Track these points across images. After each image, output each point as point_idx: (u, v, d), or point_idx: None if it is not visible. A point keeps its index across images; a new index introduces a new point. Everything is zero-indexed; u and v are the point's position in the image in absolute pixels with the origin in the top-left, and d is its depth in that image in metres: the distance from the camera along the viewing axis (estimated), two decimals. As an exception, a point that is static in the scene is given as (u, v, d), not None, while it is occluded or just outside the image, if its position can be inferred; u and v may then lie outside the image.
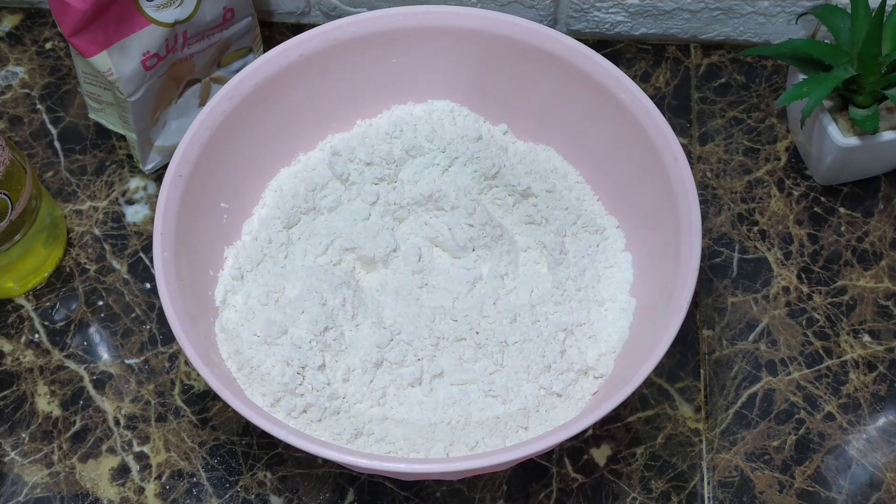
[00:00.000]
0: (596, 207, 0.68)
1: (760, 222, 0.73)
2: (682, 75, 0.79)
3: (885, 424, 0.66)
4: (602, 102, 0.65)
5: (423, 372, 0.60)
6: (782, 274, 0.71)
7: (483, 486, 0.64)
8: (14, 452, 0.65)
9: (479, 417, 0.60)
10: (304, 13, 0.81)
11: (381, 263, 0.65)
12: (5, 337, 0.68)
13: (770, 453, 0.65)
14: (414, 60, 0.68)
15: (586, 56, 0.64)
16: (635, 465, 0.64)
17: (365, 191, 0.66)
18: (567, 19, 0.79)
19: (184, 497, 0.63)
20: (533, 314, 0.62)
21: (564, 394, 0.60)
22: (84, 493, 0.63)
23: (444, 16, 0.66)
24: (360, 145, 0.67)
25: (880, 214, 0.73)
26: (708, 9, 0.77)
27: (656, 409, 0.66)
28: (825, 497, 0.64)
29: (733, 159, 0.75)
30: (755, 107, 0.77)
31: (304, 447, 0.52)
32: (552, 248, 0.64)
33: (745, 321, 0.69)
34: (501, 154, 0.67)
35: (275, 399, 0.60)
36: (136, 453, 0.65)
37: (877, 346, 0.68)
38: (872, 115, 0.67)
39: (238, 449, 0.65)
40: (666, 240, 0.61)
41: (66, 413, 0.66)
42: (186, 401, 0.66)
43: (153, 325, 0.69)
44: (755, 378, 0.67)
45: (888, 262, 0.71)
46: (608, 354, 0.62)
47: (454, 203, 0.65)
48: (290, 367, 0.60)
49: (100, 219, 0.73)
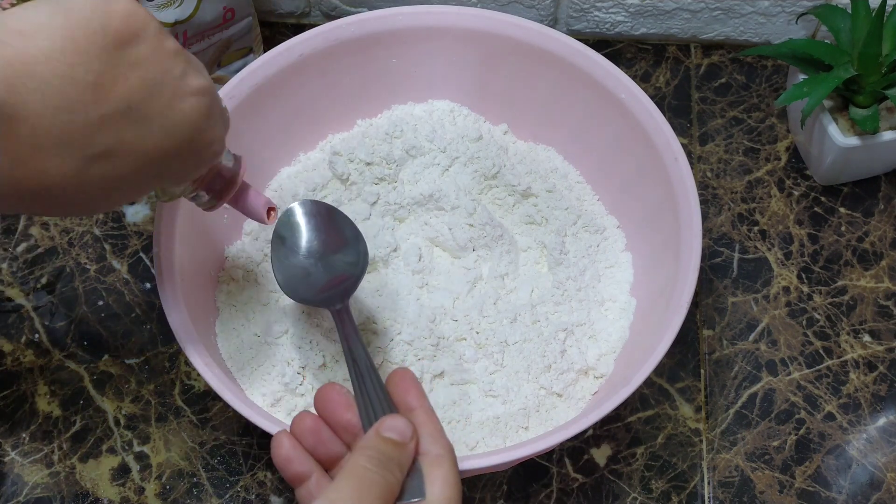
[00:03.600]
0: (596, 207, 0.68)
1: (761, 222, 0.73)
2: (682, 75, 0.79)
3: (885, 424, 0.66)
4: (602, 102, 0.65)
5: (423, 372, 0.60)
6: (782, 274, 0.71)
7: (483, 486, 0.64)
8: (14, 452, 0.65)
9: (479, 417, 0.60)
10: (304, 13, 0.81)
11: (382, 263, 0.65)
12: (5, 337, 0.68)
13: (770, 453, 0.65)
14: (414, 60, 0.68)
15: (587, 56, 0.64)
16: (635, 465, 0.64)
17: (365, 191, 0.66)
18: (567, 19, 0.79)
19: (184, 497, 0.63)
20: (533, 314, 0.62)
21: (564, 394, 0.60)
22: (84, 492, 0.63)
23: (444, 16, 0.66)
24: (360, 145, 0.67)
25: (880, 214, 0.73)
26: (708, 9, 0.77)
27: (656, 409, 0.66)
28: (825, 497, 0.64)
29: (733, 159, 0.75)
30: (755, 107, 0.77)
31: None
32: (552, 248, 0.64)
33: (746, 321, 0.69)
34: (502, 154, 0.67)
35: (275, 399, 0.60)
36: (136, 453, 0.65)
37: (877, 346, 0.68)
38: (872, 115, 0.67)
39: (238, 449, 0.65)
40: (666, 240, 0.61)
41: (67, 413, 0.66)
42: (186, 401, 0.66)
43: (153, 325, 0.69)
44: (755, 378, 0.67)
45: (888, 262, 0.71)
46: (608, 354, 0.62)
47: (454, 203, 0.65)
48: (290, 367, 0.60)
49: (100, 218, 0.73)
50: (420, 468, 0.43)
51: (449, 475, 0.42)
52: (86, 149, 0.38)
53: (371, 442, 0.42)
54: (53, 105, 0.37)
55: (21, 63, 0.36)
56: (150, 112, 0.40)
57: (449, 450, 0.44)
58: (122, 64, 0.38)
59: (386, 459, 0.42)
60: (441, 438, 0.44)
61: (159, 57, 0.40)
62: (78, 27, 0.37)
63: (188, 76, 0.41)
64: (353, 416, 0.45)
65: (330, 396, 0.46)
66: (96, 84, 0.38)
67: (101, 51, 0.38)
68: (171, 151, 0.41)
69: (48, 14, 0.37)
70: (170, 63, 0.40)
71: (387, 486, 0.41)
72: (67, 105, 0.37)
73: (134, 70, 0.39)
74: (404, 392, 0.45)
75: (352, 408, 0.46)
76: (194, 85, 0.41)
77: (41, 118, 0.36)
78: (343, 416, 0.45)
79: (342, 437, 0.46)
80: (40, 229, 0.72)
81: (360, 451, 0.42)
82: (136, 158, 0.40)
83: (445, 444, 0.44)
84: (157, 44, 0.40)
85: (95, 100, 0.38)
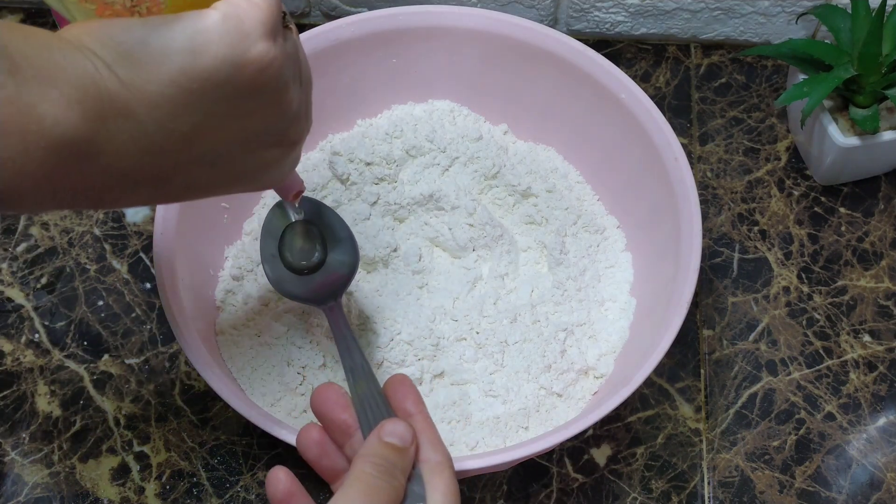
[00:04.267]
0: (596, 207, 0.68)
1: (761, 222, 0.73)
2: (682, 75, 0.79)
3: (885, 424, 0.66)
4: (602, 102, 0.65)
5: (424, 372, 0.60)
6: (782, 274, 0.71)
7: (483, 486, 0.64)
8: (14, 452, 0.65)
9: (479, 417, 0.60)
10: (304, 13, 0.81)
11: (382, 263, 0.65)
12: (5, 337, 0.68)
13: (770, 453, 0.65)
14: (414, 60, 0.68)
15: (587, 56, 0.64)
16: (635, 465, 0.64)
17: (365, 191, 0.66)
18: (567, 19, 0.79)
19: (184, 497, 0.63)
20: (533, 314, 0.62)
21: (564, 394, 0.60)
22: (84, 492, 0.63)
23: (444, 16, 0.66)
24: (360, 145, 0.67)
25: (880, 214, 0.73)
26: (708, 9, 0.77)
27: (656, 409, 0.66)
28: (825, 497, 0.64)
29: (733, 159, 0.75)
30: (755, 107, 0.77)
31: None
32: (552, 248, 0.64)
33: (746, 321, 0.69)
34: (502, 154, 0.67)
35: (275, 399, 0.60)
36: (136, 453, 0.65)
37: (877, 346, 0.68)
38: (873, 115, 0.67)
39: (238, 449, 0.65)
40: (666, 240, 0.61)
41: (67, 413, 0.66)
42: (186, 401, 0.66)
43: (153, 325, 0.69)
44: (755, 378, 0.67)
45: (888, 262, 0.71)
46: (608, 354, 0.62)
47: (454, 203, 0.65)
48: (290, 367, 0.60)
49: (100, 219, 0.73)
50: (419, 473, 0.43)
51: (450, 483, 0.43)
52: (156, 185, 0.36)
53: (374, 448, 0.42)
54: (139, 149, 0.34)
55: (122, 102, 0.33)
56: (233, 159, 0.38)
57: (448, 457, 0.44)
58: (229, 115, 0.36)
59: (390, 466, 0.42)
60: (440, 445, 0.44)
61: (271, 112, 0.37)
62: (201, 77, 0.34)
63: (288, 131, 0.39)
64: (350, 416, 0.45)
65: (327, 396, 0.46)
66: (193, 133, 0.35)
67: (213, 104, 0.35)
68: (236, 188, 0.41)
69: (175, 50, 0.33)
70: (277, 119, 0.37)
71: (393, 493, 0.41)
72: (155, 150, 0.35)
73: (238, 121, 0.36)
74: (402, 397, 0.45)
75: (348, 408, 0.46)
76: (288, 137, 0.39)
77: (122, 159, 0.34)
78: (339, 416, 0.45)
79: (338, 437, 0.46)
80: (40, 229, 0.72)
81: (364, 459, 0.42)
82: (199, 191, 0.39)
83: (444, 452, 0.44)
84: (276, 98, 0.37)
85: (186, 148, 0.35)
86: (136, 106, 0.33)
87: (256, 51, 0.35)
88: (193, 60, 0.33)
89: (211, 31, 0.34)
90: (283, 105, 0.37)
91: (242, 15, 0.34)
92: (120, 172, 0.35)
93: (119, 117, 0.33)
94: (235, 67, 0.34)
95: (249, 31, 0.34)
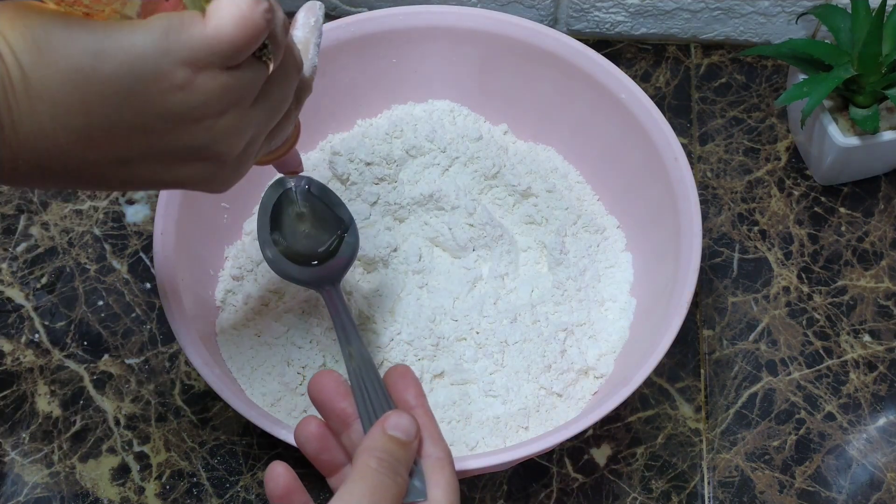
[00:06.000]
0: (596, 207, 0.68)
1: (761, 222, 0.73)
2: (682, 75, 0.79)
3: (885, 424, 0.66)
4: (602, 102, 0.65)
5: (424, 372, 0.60)
6: (782, 274, 0.71)
7: (483, 486, 0.64)
8: (14, 452, 0.65)
9: (479, 417, 0.60)
10: (304, 13, 0.81)
11: (382, 263, 0.65)
12: (5, 337, 0.68)
13: (770, 453, 0.65)
14: (414, 60, 0.68)
15: (587, 56, 0.64)
16: (635, 465, 0.64)
17: (365, 191, 0.66)
18: (567, 19, 0.79)
19: (184, 497, 0.63)
20: (533, 314, 0.62)
21: (564, 394, 0.60)
22: (84, 492, 0.63)
23: (444, 16, 0.66)
24: (360, 145, 0.67)
25: (880, 214, 0.73)
26: (708, 9, 0.77)
27: (656, 409, 0.66)
28: (825, 497, 0.64)
29: (733, 159, 0.75)
30: (755, 107, 0.77)
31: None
32: (552, 247, 0.64)
33: (746, 321, 0.69)
34: (502, 154, 0.67)
35: (275, 399, 0.60)
36: (136, 453, 0.65)
37: (877, 346, 0.68)
38: (873, 115, 0.67)
39: (238, 449, 0.65)
40: (666, 240, 0.61)
41: (67, 413, 0.66)
42: (186, 401, 0.66)
43: (153, 325, 0.69)
44: (755, 378, 0.67)
45: (888, 262, 0.71)
46: (608, 354, 0.62)
47: (454, 203, 0.65)
48: (290, 367, 0.60)
49: (100, 219, 0.73)
50: (420, 468, 0.42)
51: (451, 479, 0.42)
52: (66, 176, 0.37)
53: (378, 442, 0.42)
54: (41, 138, 0.34)
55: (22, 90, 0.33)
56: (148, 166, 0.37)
57: (448, 453, 0.43)
58: (135, 126, 0.35)
59: (394, 461, 0.41)
60: (440, 441, 0.43)
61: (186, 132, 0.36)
62: (99, 80, 0.34)
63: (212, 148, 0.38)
64: (349, 405, 0.44)
65: (325, 383, 0.44)
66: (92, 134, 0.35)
67: (113, 110, 0.34)
68: (171, 188, 0.40)
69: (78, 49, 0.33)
70: (194, 139, 0.37)
71: (397, 490, 0.41)
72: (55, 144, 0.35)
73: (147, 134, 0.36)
74: (403, 389, 0.45)
75: (347, 397, 0.44)
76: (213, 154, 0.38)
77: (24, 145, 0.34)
78: (338, 405, 0.44)
79: (336, 426, 0.45)
80: (40, 229, 0.72)
81: (368, 453, 0.41)
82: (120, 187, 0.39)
83: (445, 447, 0.43)
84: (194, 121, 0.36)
85: (89, 147, 0.35)
86: (34, 96, 0.33)
87: (170, 74, 0.34)
88: (94, 63, 0.33)
89: (127, 41, 0.34)
90: (203, 128, 0.37)
91: (176, 36, 0.34)
92: (26, 157, 0.35)
93: (20, 104, 0.33)
94: (141, 83, 0.34)
95: (173, 52, 0.34)
